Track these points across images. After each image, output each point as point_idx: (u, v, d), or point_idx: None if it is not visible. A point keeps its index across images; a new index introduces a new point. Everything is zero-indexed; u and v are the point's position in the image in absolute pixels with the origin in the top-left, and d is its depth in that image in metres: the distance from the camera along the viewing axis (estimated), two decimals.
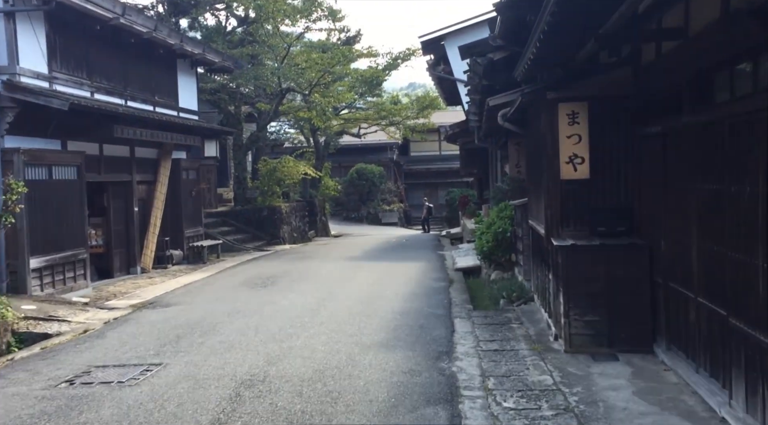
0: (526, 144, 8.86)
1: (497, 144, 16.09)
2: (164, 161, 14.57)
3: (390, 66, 26.04)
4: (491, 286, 9.83)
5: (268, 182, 21.32)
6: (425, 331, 7.19)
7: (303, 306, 8.70)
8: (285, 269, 12.85)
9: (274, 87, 20.76)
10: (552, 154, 6.50)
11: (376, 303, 8.91)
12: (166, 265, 14.27)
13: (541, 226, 7.17)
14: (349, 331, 7.18)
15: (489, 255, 10.31)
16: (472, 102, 12.30)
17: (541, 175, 7.30)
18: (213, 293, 10.09)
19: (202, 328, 7.46)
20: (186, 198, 15.54)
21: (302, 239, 22.86)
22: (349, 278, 11.40)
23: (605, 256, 6.06)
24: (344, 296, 9.47)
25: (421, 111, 28.94)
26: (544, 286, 7.46)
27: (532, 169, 8.23)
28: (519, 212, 9.18)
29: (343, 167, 35.39)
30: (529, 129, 8.32)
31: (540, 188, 7.40)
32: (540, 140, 7.25)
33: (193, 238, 15.81)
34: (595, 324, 6.05)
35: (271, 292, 10.03)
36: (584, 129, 6.32)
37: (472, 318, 7.86)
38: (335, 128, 28.56)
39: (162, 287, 11.36)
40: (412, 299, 9.25)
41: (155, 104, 14.13)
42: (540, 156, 7.30)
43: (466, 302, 9.07)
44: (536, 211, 7.78)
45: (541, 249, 7.52)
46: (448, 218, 33.74)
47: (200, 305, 9.02)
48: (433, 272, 12.18)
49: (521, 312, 8.03)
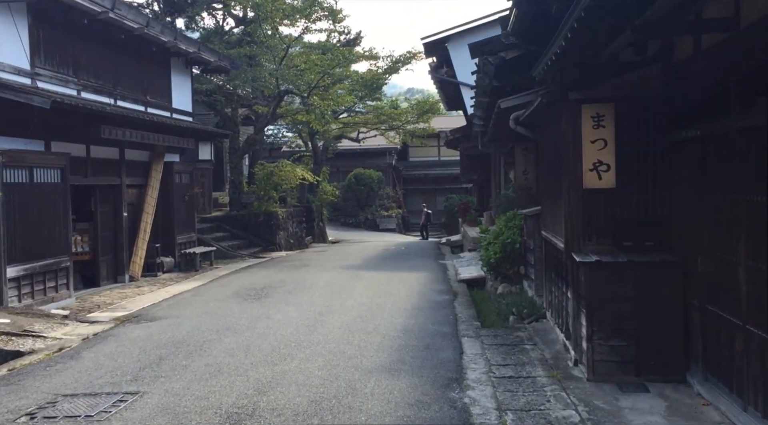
0: (539, 149, 8.28)
1: (502, 150, 15.52)
2: (156, 163, 13.96)
3: (391, 69, 25.51)
4: (498, 300, 9.24)
5: (265, 187, 20.72)
6: (431, 353, 6.59)
7: (298, 322, 8.09)
8: (280, 279, 12.24)
9: (272, 89, 20.18)
10: (573, 160, 5.92)
11: (376, 318, 8.31)
12: (156, 273, 13.64)
13: (559, 239, 6.59)
14: (349, 352, 6.57)
15: (496, 267, 9.72)
16: (477, 105, 11.73)
17: (558, 183, 6.72)
18: (203, 306, 9.47)
19: (187, 347, 6.83)
20: (179, 203, 14.92)
21: (299, 245, 22.26)
22: (347, 289, 10.79)
23: (633, 274, 5.47)
24: (342, 310, 8.86)
25: (421, 116, 28.41)
26: (560, 304, 6.86)
27: (547, 176, 7.65)
28: (530, 222, 8.60)
29: (342, 171, 34.87)
30: (544, 133, 7.74)
31: (557, 197, 6.82)
32: (558, 145, 6.67)
33: (185, 244, 15.18)
34: (622, 349, 5.46)
35: (264, 305, 9.42)
36: (610, 133, 5.74)
37: (481, 337, 7.25)
38: (334, 132, 28.01)
39: (150, 297, 10.73)
40: (415, 314, 8.65)
41: (147, 104, 13.53)
42: (558, 162, 6.73)
43: (473, 319, 8.46)
44: (552, 222, 7.20)
45: (558, 264, 6.94)
46: (447, 225, 33.19)
47: (188, 320, 8.40)
48: (436, 283, 11.58)
49: (533, 331, 7.43)
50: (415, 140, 29.61)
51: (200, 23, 20.96)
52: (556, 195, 6.79)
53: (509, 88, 8.75)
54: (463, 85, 17.33)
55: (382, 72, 25.23)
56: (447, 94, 21.85)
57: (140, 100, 13.27)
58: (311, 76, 19.40)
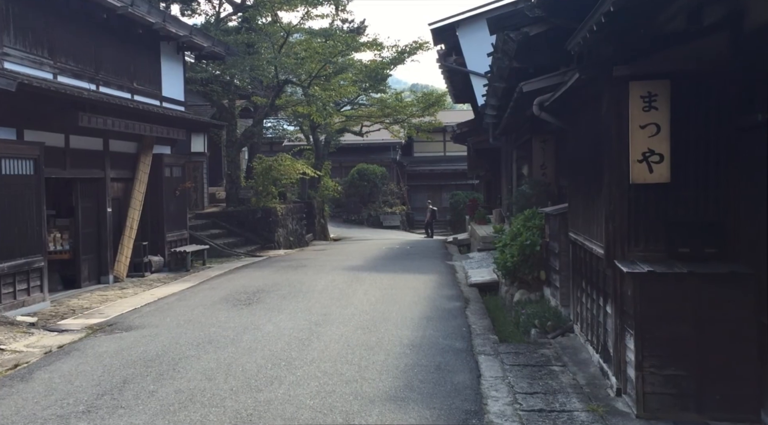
0: (566, 140, 7.29)
1: (515, 143, 14.54)
2: (144, 156, 13.01)
3: (396, 60, 24.50)
4: (516, 309, 8.26)
5: (263, 182, 19.79)
6: (444, 375, 5.62)
7: (291, 334, 7.12)
8: (275, 282, 11.28)
9: (270, 78, 19.20)
10: (618, 150, 4.93)
11: (379, 330, 7.34)
12: (143, 273, 12.70)
13: (595, 243, 5.61)
14: (348, 374, 5.61)
15: (513, 272, 8.73)
16: (491, 93, 10.73)
17: (594, 177, 5.73)
18: (187, 313, 8.52)
19: (159, 367, 5.87)
20: (169, 198, 13.97)
21: (299, 243, 21.33)
22: (347, 294, 9.83)
23: (695, 288, 4.49)
24: (342, 320, 7.90)
25: (427, 109, 27.40)
26: (594, 319, 5.88)
27: (578, 170, 6.66)
28: (554, 222, 7.61)
29: (344, 167, 33.92)
30: (575, 121, 6.75)
31: (592, 194, 5.84)
32: (595, 133, 5.69)
33: (176, 242, 14.23)
34: (679, 380, 4.47)
35: (254, 312, 8.46)
36: (664, 116, 4.74)
37: (500, 355, 6.28)
38: (336, 125, 27.03)
39: (132, 301, 9.78)
40: (424, 325, 7.68)
41: (133, 92, 12.56)
42: (594, 154, 5.74)
43: (489, 331, 7.49)
44: (584, 222, 6.21)
45: (592, 271, 5.95)
46: (453, 223, 32.21)
47: (167, 330, 7.45)
48: (445, 287, 10.60)
49: (560, 348, 6.45)
50: (420, 134, 28.61)
51: (197, 9, 19.98)
52: (592, 192, 5.80)
53: (532, 70, 7.77)
54: (473, 75, 16.33)
55: (388, 62, 24.23)
56: (455, 85, 20.83)
57: (126, 87, 12.30)
58: (312, 65, 18.40)
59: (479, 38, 14.66)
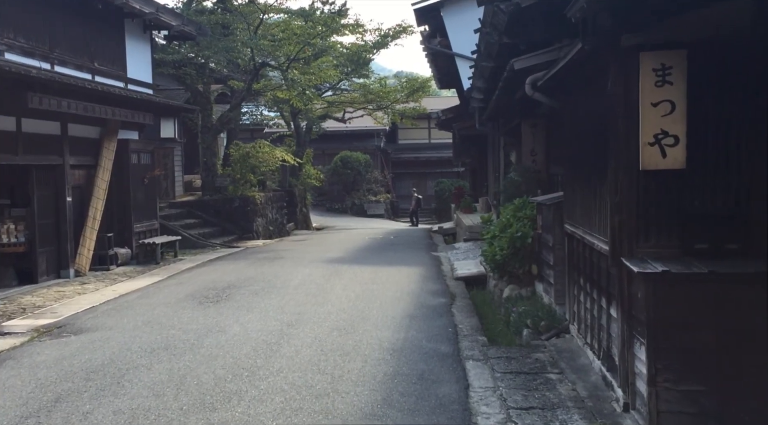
0: (564, 122, 6.64)
1: (503, 129, 13.90)
2: (108, 141, 12.17)
3: (379, 44, 23.70)
4: (506, 306, 7.65)
5: (241, 169, 18.98)
6: (428, 386, 4.98)
7: (259, 337, 6.44)
8: (248, 276, 10.57)
9: (247, 61, 18.33)
10: (625, 132, 4.30)
11: (357, 331, 6.69)
12: (108, 266, 11.91)
13: (597, 236, 4.98)
14: (319, 386, 4.95)
15: (503, 265, 8.12)
16: (479, 74, 10.05)
17: (594, 163, 5.10)
18: (147, 312, 7.79)
19: (102, 380, 5.16)
20: (136, 186, 13.16)
21: (279, 233, 20.60)
22: (325, 290, 9.16)
23: (716, 291, 3.88)
24: (316, 320, 7.23)
25: (411, 94, 26.62)
26: (595, 321, 5.27)
27: (575, 155, 6.02)
28: (548, 212, 6.98)
29: (327, 154, 33.13)
30: (573, 101, 6.09)
31: (593, 182, 5.20)
32: (597, 113, 5.04)
33: (145, 233, 13.44)
34: (699, 397, 3.87)
35: (222, 311, 7.76)
36: (680, 92, 4.10)
37: (489, 361, 5.66)
38: (318, 111, 26.21)
39: (90, 298, 9.03)
40: (406, 324, 7.04)
41: (94, 72, 11.70)
42: (595, 137, 5.10)
43: (478, 331, 6.87)
44: (583, 214, 5.58)
45: (592, 268, 5.34)
46: (438, 211, 31.61)
47: (121, 333, 6.73)
48: (429, 281, 9.97)
49: (556, 352, 5.85)
50: (404, 120, 27.87)
51: None
52: (593, 180, 5.17)
53: (523, 46, 7.08)
54: (458, 57, 15.62)
55: (370, 46, 23.43)
56: (440, 70, 20.11)
57: (85, 67, 11.44)
58: (290, 48, 17.55)
59: (465, 19, 13.97)
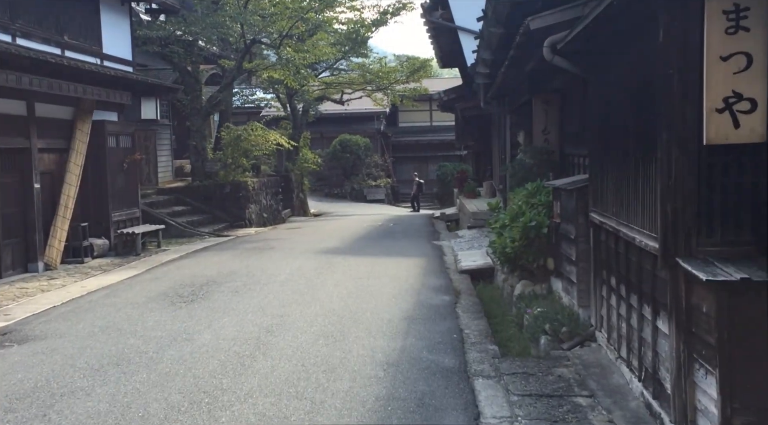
0: (591, 93, 5.62)
1: (509, 107, 12.88)
2: (81, 122, 11.17)
3: (378, 22, 22.55)
4: (519, 305, 6.70)
5: (232, 153, 17.98)
6: (428, 416, 4.04)
7: (231, 348, 5.51)
8: (232, 269, 9.63)
9: (237, 38, 17.24)
10: (683, 95, 3.32)
11: (347, 339, 5.75)
12: (82, 259, 10.96)
13: (637, 229, 4.00)
14: (294, 418, 4.02)
15: (514, 259, 7.15)
16: (485, 44, 9.01)
17: (636, 139, 4.11)
18: (109, 315, 6.86)
19: (26, 411, 4.21)
20: (115, 171, 12.17)
21: (274, 220, 19.66)
22: (314, 286, 8.22)
23: None
24: (301, 324, 6.30)
25: (412, 74, 25.50)
26: (634, 333, 4.32)
27: (605, 130, 5.02)
28: (568, 199, 6.00)
29: (326, 138, 32.07)
30: (603, 64, 5.07)
31: (630, 162, 4.21)
32: (639, 76, 4.05)
33: (125, 222, 12.48)
34: None
35: (194, 313, 6.82)
36: (758, 41, 3.11)
37: (503, 378, 4.72)
38: (315, 92, 25.13)
39: (53, 297, 8.10)
40: (404, 329, 6.10)
41: (64, 47, 10.68)
42: (636, 106, 4.11)
43: (487, 337, 5.93)
44: (616, 201, 4.59)
45: (629, 267, 4.37)
46: (440, 196, 30.61)
47: (71, 343, 5.79)
48: (431, 275, 9.03)
49: (582, 366, 4.90)
50: (405, 102, 26.74)
51: None
52: (632, 159, 4.18)
53: (539, 3, 6.08)
54: (462, 31, 14.55)
55: (369, 24, 22.28)
56: (442, 47, 19.00)
57: (53, 41, 10.41)
58: (282, 23, 16.46)
59: None
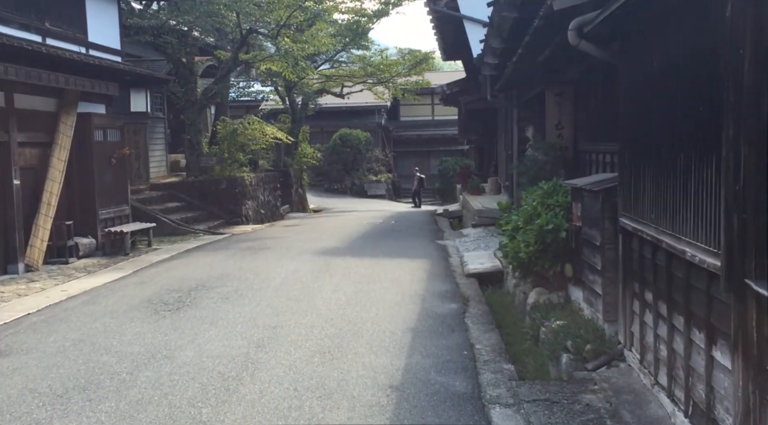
0: (622, 81, 4.98)
1: (517, 100, 12.27)
2: (65, 115, 10.55)
3: (379, 12, 21.89)
4: (534, 316, 6.10)
5: (228, 148, 17.40)
6: None
7: (215, 368, 4.90)
8: (224, 271, 9.03)
9: (233, 27, 16.59)
10: (752, 80, 2.70)
11: (346, 356, 5.16)
12: (67, 259, 10.37)
13: (691, 241, 3.38)
14: None
15: (528, 265, 6.54)
16: (495, 31, 8.37)
17: (688, 132, 3.50)
18: (84, 326, 6.26)
19: None
20: (102, 167, 11.57)
21: (272, 216, 19.07)
22: (311, 292, 7.63)
23: None
24: (295, 337, 5.70)
25: (414, 67, 24.83)
26: (679, 360, 3.71)
27: (641, 123, 4.40)
28: (593, 201, 5.38)
29: (326, 132, 31.44)
30: (639, 48, 4.44)
31: (675, 161, 3.60)
32: (692, 59, 3.42)
33: (113, 220, 11.88)
34: None
35: (178, 324, 6.22)
36: None
37: (522, 407, 4.12)
38: (315, 85, 24.49)
39: (28, 303, 7.50)
40: (408, 344, 5.50)
41: (45, 34, 10.06)
42: (687, 93, 3.49)
43: (500, 354, 5.33)
44: (656, 205, 3.98)
45: (672, 283, 3.76)
46: (442, 191, 30.01)
47: (36, 361, 5.19)
48: (436, 279, 8.43)
49: (612, 391, 4.30)
50: (407, 96, 26.09)
51: None
52: (681, 155, 3.56)
53: None
54: (467, 20, 13.91)
55: (371, 14, 21.61)
56: (445, 38, 18.36)
57: (33, 27, 9.79)
58: (280, 12, 15.81)
59: None
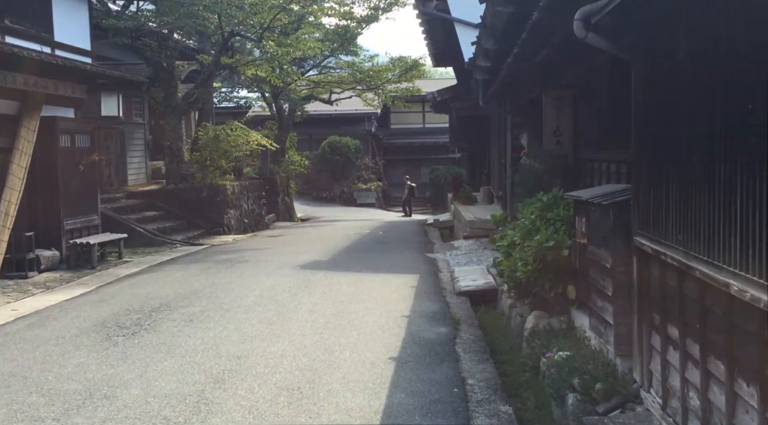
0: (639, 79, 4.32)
1: (511, 106, 11.69)
2: (27, 119, 9.80)
3: (368, 18, 21.37)
4: (533, 344, 5.42)
5: (210, 154, 16.71)
6: None
7: (162, 410, 4.18)
8: (194, 288, 8.30)
9: (214, 29, 15.92)
10: None
11: (317, 395, 4.45)
12: (26, 273, 9.59)
13: (732, 270, 2.71)
14: None
15: (526, 285, 5.88)
16: (488, 31, 7.75)
17: (714, 141, 2.84)
18: (23, 353, 5.51)
19: None
20: (69, 174, 10.81)
21: (256, 225, 18.36)
22: (286, 313, 6.92)
23: None
24: (261, 370, 4.99)
25: (404, 73, 24.27)
26: (718, 414, 3.04)
27: (660, 128, 3.74)
28: (603, 216, 4.72)
29: (314, 139, 30.80)
30: (655, 40, 3.79)
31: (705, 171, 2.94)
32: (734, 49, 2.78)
33: (80, 231, 11.12)
34: None
35: (130, 353, 5.48)
36: None
37: None
38: (302, 91, 23.85)
39: None
40: (391, 379, 4.81)
41: (5, 32, 9.34)
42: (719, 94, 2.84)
43: (496, 392, 4.64)
44: (685, 225, 3.31)
45: (705, 320, 3.09)
46: (433, 200, 29.40)
47: None
48: (425, 298, 7.73)
49: None
50: (397, 103, 25.50)
51: None
52: (719, 168, 2.90)
53: None
54: (458, 23, 13.33)
55: (360, 19, 21.08)
56: (435, 42, 17.81)
57: None
58: (264, 15, 15.16)
59: None
